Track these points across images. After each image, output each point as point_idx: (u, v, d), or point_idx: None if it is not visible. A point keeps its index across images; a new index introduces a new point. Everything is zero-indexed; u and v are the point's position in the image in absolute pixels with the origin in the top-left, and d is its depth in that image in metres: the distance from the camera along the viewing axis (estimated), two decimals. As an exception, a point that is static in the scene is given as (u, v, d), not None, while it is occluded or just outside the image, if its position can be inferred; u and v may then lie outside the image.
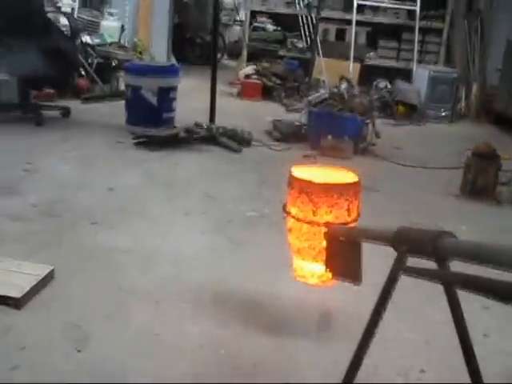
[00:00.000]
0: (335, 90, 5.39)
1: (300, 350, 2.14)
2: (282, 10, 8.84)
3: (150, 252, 2.81)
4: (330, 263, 1.99)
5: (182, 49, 10.33)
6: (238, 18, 12.00)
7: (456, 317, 1.49)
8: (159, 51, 8.63)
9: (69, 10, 8.29)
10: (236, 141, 4.98)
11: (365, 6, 8.25)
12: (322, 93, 5.60)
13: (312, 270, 2.21)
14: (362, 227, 1.99)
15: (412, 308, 2.48)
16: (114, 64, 6.90)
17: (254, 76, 7.84)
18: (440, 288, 1.46)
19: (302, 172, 2.23)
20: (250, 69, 7.98)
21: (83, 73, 6.66)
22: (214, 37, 5.21)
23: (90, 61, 6.80)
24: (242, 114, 6.44)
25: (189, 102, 6.07)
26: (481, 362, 1.51)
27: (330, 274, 2.04)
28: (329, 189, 2.10)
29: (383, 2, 8.25)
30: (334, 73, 7.35)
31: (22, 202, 3.34)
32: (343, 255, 1.89)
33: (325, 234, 2.02)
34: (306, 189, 2.11)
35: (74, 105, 6.05)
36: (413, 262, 1.45)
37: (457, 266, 1.39)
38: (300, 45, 8.79)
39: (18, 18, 5.23)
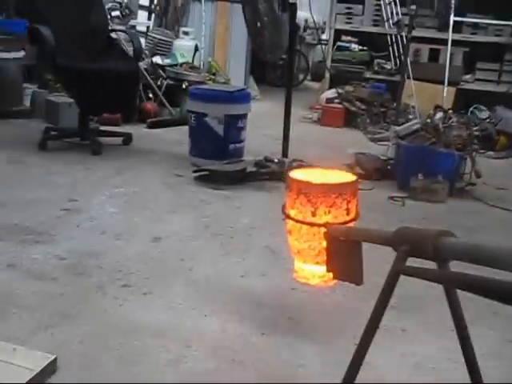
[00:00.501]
0: (428, 121, 4.64)
1: None
2: (369, 28, 8.12)
3: (188, 334, 2.18)
4: (330, 264, 1.97)
5: (263, 69, 9.89)
6: (322, 38, 11.44)
7: (456, 317, 1.46)
8: (236, 73, 8.14)
9: (143, 29, 8.01)
10: (311, 177, 4.34)
11: (462, 23, 7.45)
12: (413, 123, 4.87)
13: (313, 270, 2.20)
14: (362, 227, 1.97)
15: None
16: (184, 86, 6.41)
17: (337, 100, 7.19)
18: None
19: (299, 174, 2.27)
20: (331, 92, 7.33)
21: (151, 95, 6.23)
22: (289, 58, 4.61)
23: (159, 83, 6.37)
24: (321, 144, 5.79)
25: (263, 128, 5.50)
26: None
27: (331, 275, 2.02)
28: (327, 189, 2.10)
29: (484, 20, 7.39)
30: (425, 98, 6.65)
31: (50, 252, 2.82)
32: (343, 256, 1.87)
33: (324, 234, 2.00)
34: (304, 190, 2.11)
35: (138, 130, 5.62)
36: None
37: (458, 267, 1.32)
38: (388, 66, 8.02)
39: (80, 38, 4.86)
